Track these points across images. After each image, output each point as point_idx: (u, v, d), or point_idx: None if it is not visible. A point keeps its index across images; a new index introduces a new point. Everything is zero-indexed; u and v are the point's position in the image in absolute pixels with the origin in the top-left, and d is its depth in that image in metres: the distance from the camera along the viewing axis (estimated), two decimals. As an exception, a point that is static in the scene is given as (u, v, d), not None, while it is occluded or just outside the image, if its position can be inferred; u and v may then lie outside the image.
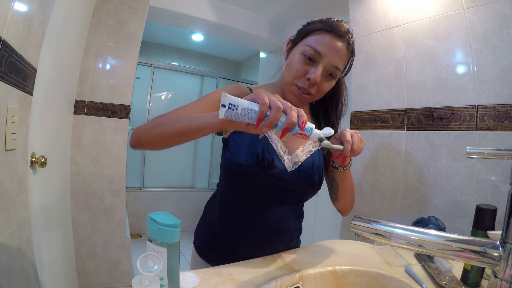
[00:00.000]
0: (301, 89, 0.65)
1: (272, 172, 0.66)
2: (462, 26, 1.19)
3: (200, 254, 0.76)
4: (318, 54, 0.63)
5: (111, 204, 1.75)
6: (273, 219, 0.70)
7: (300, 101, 0.68)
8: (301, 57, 0.65)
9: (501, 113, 1.08)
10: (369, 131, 1.54)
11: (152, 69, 3.16)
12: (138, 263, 0.39)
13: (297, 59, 0.65)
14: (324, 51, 0.63)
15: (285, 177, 0.67)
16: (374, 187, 1.50)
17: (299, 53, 0.65)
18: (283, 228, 0.73)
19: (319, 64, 0.63)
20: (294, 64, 0.66)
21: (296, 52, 0.67)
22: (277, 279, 0.58)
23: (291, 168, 0.68)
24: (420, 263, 0.69)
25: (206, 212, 0.81)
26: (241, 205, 0.70)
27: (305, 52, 0.64)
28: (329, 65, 0.64)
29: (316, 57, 0.63)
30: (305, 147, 0.72)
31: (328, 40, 0.63)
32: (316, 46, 0.63)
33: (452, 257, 0.38)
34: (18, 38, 0.71)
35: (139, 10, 1.78)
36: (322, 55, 0.63)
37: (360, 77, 1.61)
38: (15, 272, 0.73)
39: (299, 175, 0.68)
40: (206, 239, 0.76)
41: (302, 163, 0.69)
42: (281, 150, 0.69)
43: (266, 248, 0.71)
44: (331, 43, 0.63)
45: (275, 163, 0.66)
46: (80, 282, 1.69)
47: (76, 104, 1.63)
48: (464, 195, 1.17)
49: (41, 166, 1.01)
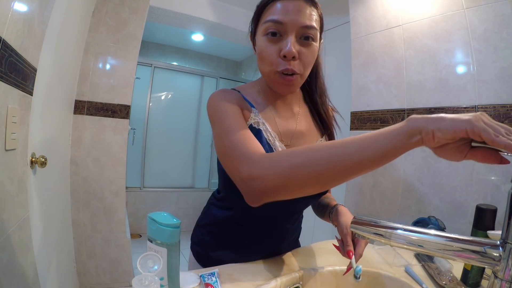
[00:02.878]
0: (284, 73, 0.56)
1: None
2: (462, 26, 1.19)
3: (198, 260, 0.73)
4: (279, 23, 0.54)
5: (111, 204, 1.75)
6: (278, 228, 0.69)
7: (291, 87, 0.59)
8: (265, 38, 0.57)
9: (501, 113, 1.08)
10: (369, 131, 1.54)
11: (152, 69, 3.16)
12: (138, 263, 0.39)
13: (263, 43, 0.57)
14: (284, 17, 0.54)
15: None
16: (374, 187, 1.50)
17: (262, 35, 0.58)
18: (288, 234, 0.72)
19: (287, 34, 0.55)
20: (263, 49, 0.57)
21: (259, 38, 0.59)
22: (277, 279, 0.58)
23: None
24: (420, 263, 0.69)
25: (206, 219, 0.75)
26: (246, 216, 0.67)
27: (267, 30, 0.56)
28: (297, 28, 0.54)
29: (279, 27, 0.55)
30: None
31: (283, 5, 0.55)
32: (274, 16, 0.55)
33: (452, 257, 0.38)
34: (18, 38, 0.71)
35: (139, 10, 1.78)
36: (284, 22, 0.54)
37: (360, 77, 1.61)
38: (15, 272, 0.73)
39: None
40: (205, 246, 0.72)
41: None
42: None
43: (268, 254, 0.70)
44: (287, 6, 0.54)
45: None
46: (80, 282, 1.69)
47: (76, 104, 1.63)
48: (464, 195, 1.17)
49: (41, 166, 1.01)
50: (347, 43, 1.73)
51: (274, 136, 0.61)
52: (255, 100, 0.64)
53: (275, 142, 0.61)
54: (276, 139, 0.62)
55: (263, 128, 0.61)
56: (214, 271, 0.57)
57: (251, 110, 0.61)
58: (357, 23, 1.64)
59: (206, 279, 0.55)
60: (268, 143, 0.60)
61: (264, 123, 0.62)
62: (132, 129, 2.86)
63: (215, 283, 0.54)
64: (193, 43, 3.53)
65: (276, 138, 0.61)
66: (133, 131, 2.97)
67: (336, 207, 0.68)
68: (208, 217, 0.75)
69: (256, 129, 0.60)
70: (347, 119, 1.69)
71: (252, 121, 0.60)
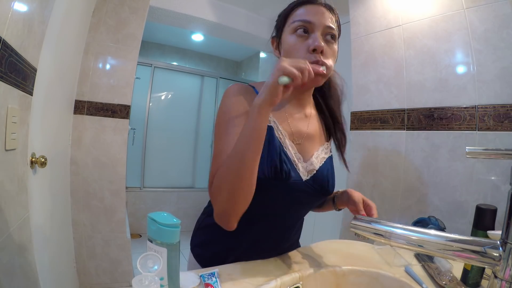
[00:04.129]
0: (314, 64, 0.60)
1: (288, 184, 0.61)
2: (462, 26, 1.19)
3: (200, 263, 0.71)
4: (308, 22, 0.61)
5: (111, 204, 1.75)
6: (281, 229, 0.69)
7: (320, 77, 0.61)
8: (295, 36, 0.62)
9: (501, 113, 1.08)
10: (369, 131, 1.54)
11: (152, 69, 3.16)
12: (138, 263, 0.39)
13: (292, 40, 0.62)
14: (312, 18, 0.61)
15: (300, 187, 0.63)
16: (374, 187, 1.50)
17: (290, 34, 0.63)
18: (291, 236, 0.73)
19: (314, 32, 0.61)
20: (291, 46, 0.62)
21: (286, 37, 0.64)
22: (277, 279, 0.58)
23: (306, 177, 0.64)
24: (420, 263, 0.69)
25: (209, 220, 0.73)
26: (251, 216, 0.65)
27: (296, 28, 0.62)
28: (323, 27, 0.61)
29: (308, 26, 0.61)
30: (319, 153, 0.69)
31: (308, 9, 0.62)
32: (302, 17, 0.61)
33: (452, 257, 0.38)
34: (18, 38, 0.71)
35: (139, 10, 1.78)
36: (312, 21, 0.61)
37: (360, 77, 1.61)
38: (15, 272, 0.73)
39: (314, 184, 0.65)
40: (209, 247, 0.72)
41: (317, 170, 0.66)
42: (296, 157, 0.64)
43: (268, 254, 0.70)
44: (312, 9, 0.62)
45: (291, 173, 0.62)
46: (80, 282, 1.69)
47: (76, 104, 1.63)
48: (464, 195, 1.17)
49: (41, 166, 1.01)
50: (347, 43, 1.73)
51: (284, 135, 0.64)
52: None
53: (285, 140, 0.64)
54: (287, 137, 0.64)
55: (274, 127, 0.63)
56: (214, 271, 0.57)
57: None
58: (357, 23, 1.64)
59: (206, 279, 0.55)
60: (279, 140, 0.62)
61: (276, 121, 0.64)
62: (132, 129, 2.87)
63: (215, 283, 0.54)
64: (193, 43, 3.53)
65: (286, 137, 0.64)
66: (133, 131, 2.97)
67: (341, 191, 0.74)
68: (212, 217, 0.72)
69: (268, 126, 0.61)
70: (347, 119, 1.69)
71: None
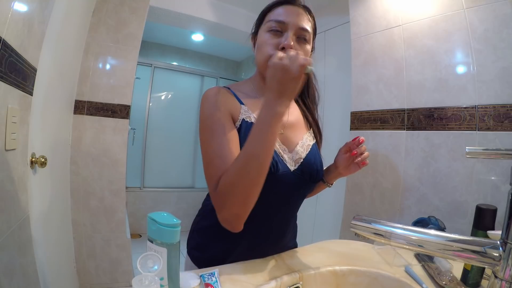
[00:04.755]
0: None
1: (276, 176, 0.61)
2: (462, 26, 1.19)
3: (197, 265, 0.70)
4: (281, 23, 0.63)
5: (111, 204, 1.75)
6: (277, 224, 0.69)
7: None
8: (268, 34, 0.64)
9: (501, 113, 1.08)
10: (369, 131, 1.54)
11: (152, 69, 3.16)
12: (138, 263, 0.39)
13: (264, 37, 0.65)
14: (286, 18, 0.63)
15: (289, 178, 0.64)
16: (374, 187, 1.50)
17: (265, 32, 0.65)
18: (287, 230, 0.72)
19: (287, 31, 0.63)
20: (263, 43, 0.65)
21: (261, 34, 0.67)
22: (277, 279, 0.58)
23: (293, 167, 0.65)
24: (420, 263, 0.69)
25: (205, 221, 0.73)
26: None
27: (270, 28, 0.64)
28: (296, 28, 0.63)
29: (281, 26, 0.63)
30: (304, 142, 0.70)
31: (285, 9, 0.65)
32: (277, 17, 0.64)
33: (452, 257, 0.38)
34: (18, 38, 0.71)
35: (139, 10, 1.78)
36: (286, 21, 0.63)
37: (360, 77, 1.61)
38: (15, 272, 0.73)
39: (302, 173, 0.66)
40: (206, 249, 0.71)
41: (304, 159, 0.67)
42: (280, 148, 0.65)
43: (267, 253, 0.70)
44: (289, 10, 0.64)
45: (279, 165, 0.62)
46: (80, 282, 1.69)
47: (76, 104, 1.63)
48: (464, 195, 1.17)
49: (41, 166, 1.01)
50: (347, 43, 1.73)
51: None
52: (248, 96, 0.69)
53: None
54: None
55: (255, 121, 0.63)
56: (214, 271, 0.57)
57: (240, 107, 0.66)
58: (357, 23, 1.64)
59: (206, 279, 0.55)
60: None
61: (256, 116, 0.65)
62: (132, 129, 2.86)
63: (215, 283, 0.54)
64: (193, 43, 3.52)
65: None
66: (133, 131, 2.97)
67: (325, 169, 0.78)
68: (209, 218, 0.72)
69: (249, 122, 0.64)
70: (347, 119, 1.69)
71: (243, 116, 0.65)
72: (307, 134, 0.72)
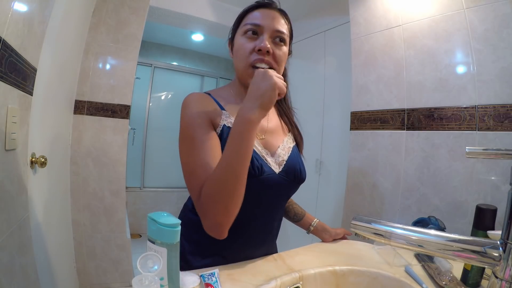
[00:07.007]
0: (257, 65, 0.63)
1: (262, 179, 0.62)
2: (462, 26, 1.19)
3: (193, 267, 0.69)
4: (257, 26, 0.64)
5: (111, 204, 1.75)
6: (264, 224, 0.69)
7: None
8: (244, 38, 0.65)
9: (501, 113, 1.08)
10: (369, 131, 1.54)
11: (152, 69, 3.16)
12: (138, 263, 0.39)
13: (241, 41, 0.66)
14: (262, 21, 0.64)
15: (274, 180, 0.64)
16: (374, 187, 1.50)
17: (241, 36, 0.66)
18: (273, 231, 0.73)
19: (262, 34, 0.64)
20: (240, 47, 0.65)
21: (238, 38, 0.67)
22: (277, 279, 0.58)
23: (278, 170, 0.66)
24: (420, 263, 0.69)
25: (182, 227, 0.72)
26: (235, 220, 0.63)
27: (246, 31, 0.65)
28: (272, 30, 0.64)
29: (257, 29, 0.64)
30: (285, 145, 0.71)
31: (260, 13, 0.66)
32: (253, 20, 0.65)
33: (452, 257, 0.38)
34: (18, 38, 0.71)
35: (139, 10, 1.78)
36: (261, 24, 0.64)
37: (360, 77, 1.61)
38: (15, 272, 0.73)
39: (286, 176, 0.66)
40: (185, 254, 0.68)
41: (287, 161, 0.68)
42: (263, 152, 0.66)
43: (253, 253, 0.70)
44: (264, 14, 0.65)
45: (264, 168, 0.63)
46: (80, 282, 1.69)
47: (76, 104, 1.63)
48: (464, 195, 1.17)
49: (41, 166, 1.01)
50: (347, 43, 1.73)
51: None
52: (228, 101, 0.69)
53: None
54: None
55: None
56: (214, 271, 0.57)
57: (221, 113, 0.66)
58: (357, 23, 1.64)
59: (206, 279, 0.55)
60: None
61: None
62: (132, 129, 2.86)
63: (215, 283, 0.54)
64: (193, 43, 3.52)
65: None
66: (133, 131, 2.97)
67: (317, 223, 0.86)
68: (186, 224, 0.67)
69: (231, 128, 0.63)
70: (347, 119, 1.69)
71: (224, 122, 0.64)
72: (286, 138, 0.74)
